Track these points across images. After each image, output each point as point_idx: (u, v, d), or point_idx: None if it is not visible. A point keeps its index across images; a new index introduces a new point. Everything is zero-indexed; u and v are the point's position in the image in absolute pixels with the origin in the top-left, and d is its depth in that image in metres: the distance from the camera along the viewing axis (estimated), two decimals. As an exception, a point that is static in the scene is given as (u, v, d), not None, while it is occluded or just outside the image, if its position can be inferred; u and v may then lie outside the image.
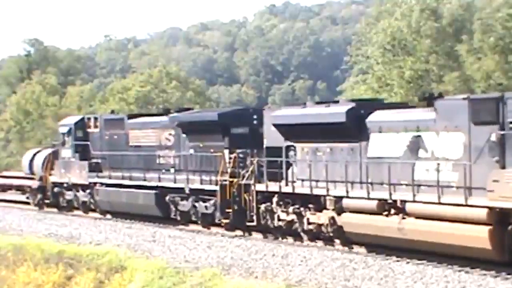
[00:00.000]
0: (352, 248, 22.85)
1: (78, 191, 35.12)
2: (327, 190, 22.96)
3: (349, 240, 22.84)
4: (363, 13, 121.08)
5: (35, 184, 37.94)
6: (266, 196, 25.28)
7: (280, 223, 24.90)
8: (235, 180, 26.42)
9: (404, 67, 43.43)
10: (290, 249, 23.75)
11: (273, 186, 24.95)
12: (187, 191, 28.67)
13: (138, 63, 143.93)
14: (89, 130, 35.02)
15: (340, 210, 22.66)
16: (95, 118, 35.12)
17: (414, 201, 20.39)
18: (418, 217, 20.30)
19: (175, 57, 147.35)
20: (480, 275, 18.80)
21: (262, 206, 25.30)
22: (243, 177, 26.16)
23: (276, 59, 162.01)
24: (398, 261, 20.99)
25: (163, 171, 30.18)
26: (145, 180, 30.81)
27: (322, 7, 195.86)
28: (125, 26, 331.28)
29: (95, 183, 33.72)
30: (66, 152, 35.77)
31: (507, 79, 39.86)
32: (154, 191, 30.20)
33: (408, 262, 20.74)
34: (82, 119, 35.88)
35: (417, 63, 43.39)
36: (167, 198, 29.66)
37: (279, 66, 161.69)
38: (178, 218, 29.48)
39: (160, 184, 30.05)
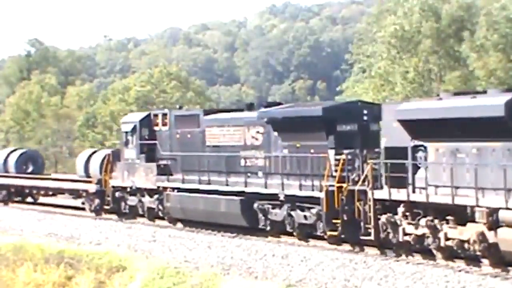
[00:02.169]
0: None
1: (143, 196, 31.24)
2: (477, 200, 18.83)
3: (505, 261, 18.90)
4: (363, 13, 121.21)
5: (92, 188, 33.88)
6: (387, 206, 21.34)
7: (407, 238, 20.85)
8: (345, 185, 22.72)
9: (409, 67, 43.47)
10: (290, 249, 23.45)
11: (398, 194, 20.90)
12: (281, 197, 24.90)
13: (138, 63, 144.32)
14: (156, 128, 31.26)
15: (494, 224, 18.57)
16: (164, 115, 31.12)
17: None
18: None
19: (175, 57, 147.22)
20: (480, 275, 18.67)
21: (383, 218, 21.30)
22: (355, 182, 22.54)
23: (276, 59, 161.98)
24: (398, 261, 20.75)
25: (249, 174, 26.43)
26: (227, 185, 27.07)
27: (322, 7, 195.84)
28: (125, 26, 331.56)
29: (164, 188, 29.90)
30: (130, 153, 31.99)
31: (510, 78, 39.93)
32: (239, 198, 26.32)
33: (408, 262, 20.49)
34: (148, 115, 31.98)
35: (419, 63, 43.44)
36: (255, 205, 25.93)
37: (279, 66, 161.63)
38: (268, 228, 25.67)
39: (247, 189, 26.30)
